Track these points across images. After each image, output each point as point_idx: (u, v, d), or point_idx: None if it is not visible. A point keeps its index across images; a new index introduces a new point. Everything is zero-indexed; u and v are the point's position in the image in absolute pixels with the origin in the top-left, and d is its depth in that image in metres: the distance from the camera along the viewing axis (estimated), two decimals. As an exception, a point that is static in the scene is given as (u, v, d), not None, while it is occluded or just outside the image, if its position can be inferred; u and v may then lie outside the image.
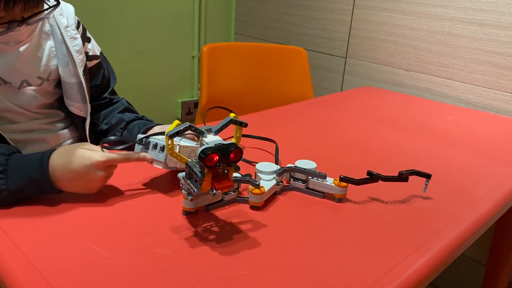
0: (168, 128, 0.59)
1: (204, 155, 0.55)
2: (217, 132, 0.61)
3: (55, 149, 0.67)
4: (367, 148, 0.98)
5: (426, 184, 0.76)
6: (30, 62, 0.82)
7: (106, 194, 0.70)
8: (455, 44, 1.45)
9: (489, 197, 0.78)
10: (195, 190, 0.58)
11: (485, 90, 1.41)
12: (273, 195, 0.74)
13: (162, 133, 0.72)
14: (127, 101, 1.02)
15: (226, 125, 0.61)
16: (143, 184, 0.74)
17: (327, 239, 0.61)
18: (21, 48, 0.80)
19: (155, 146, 0.71)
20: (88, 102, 0.90)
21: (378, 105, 1.37)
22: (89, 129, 0.94)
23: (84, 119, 0.92)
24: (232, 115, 0.62)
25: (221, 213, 0.67)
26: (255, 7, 2.19)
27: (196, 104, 2.35)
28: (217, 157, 0.56)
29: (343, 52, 1.81)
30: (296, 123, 1.13)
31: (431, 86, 1.54)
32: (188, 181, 0.59)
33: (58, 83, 0.89)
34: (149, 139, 0.72)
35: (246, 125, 0.62)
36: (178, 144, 0.71)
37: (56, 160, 0.65)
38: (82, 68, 0.88)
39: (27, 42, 0.79)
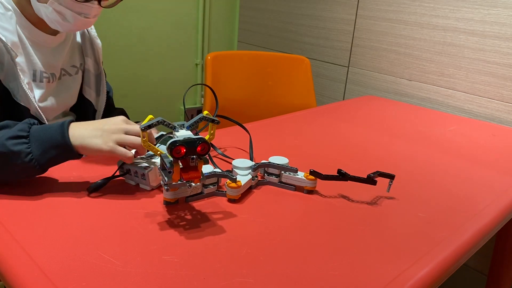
0: (142, 122, 0.63)
1: (172, 146, 0.60)
2: (189, 128, 0.65)
3: (73, 120, 0.74)
4: (369, 157, 0.99)
5: (390, 184, 0.79)
6: (66, 52, 0.96)
7: (113, 200, 0.71)
8: (457, 55, 1.47)
9: (491, 208, 0.79)
10: (166, 179, 0.62)
11: (486, 100, 1.42)
12: (249, 189, 0.79)
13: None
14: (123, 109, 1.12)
15: (198, 122, 0.66)
16: (147, 190, 0.75)
17: (327, 244, 0.62)
18: (58, 41, 0.93)
19: (135, 173, 0.74)
20: (101, 95, 1.01)
21: (380, 114, 1.38)
22: None
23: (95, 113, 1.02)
24: (205, 112, 0.67)
25: (200, 204, 0.72)
26: (259, 16, 2.21)
27: (199, 111, 2.36)
28: (184, 149, 0.60)
29: (345, 61, 1.83)
30: (299, 131, 1.14)
31: (433, 95, 1.56)
32: (162, 172, 0.64)
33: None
34: (129, 167, 0.75)
35: (218, 122, 0.67)
36: (154, 166, 0.74)
37: (78, 123, 0.71)
38: (101, 63, 1.02)
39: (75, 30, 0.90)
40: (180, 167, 0.63)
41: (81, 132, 0.69)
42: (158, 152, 0.65)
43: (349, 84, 1.83)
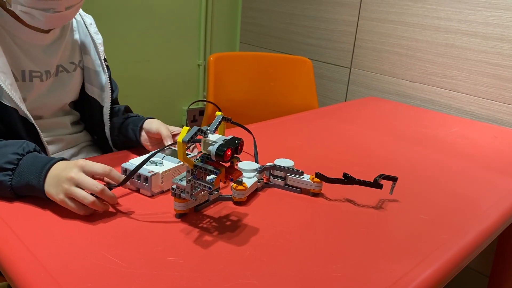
0: (179, 135, 0.61)
1: (222, 151, 0.59)
2: (214, 131, 0.66)
3: (64, 158, 0.71)
4: (371, 158, 1.00)
5: (393, 187, 0.79)
6: (63, 49, 0.93)
7: (118, 201, 0.71)
8: (459, 56, 1.47)
9: (494, 209, 0.79)
10: (211, 187, 0.62)
11: (489, 102, 1.42)
12: (255, 192, 0.79)
13: (144, 162, 0.72)
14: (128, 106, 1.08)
15: (219, 123, 0.67)
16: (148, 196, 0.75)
17: (330, 246, 0.62)
18: (52, 37, 0.89)
19: (138, 177, 0.74)
20: (105, 91, 0.98)
21: (382, 115, 1.38)
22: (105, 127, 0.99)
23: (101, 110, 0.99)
24: (218, 113, 0.67)
25: (211, 212, 0.71)
26: (261, 17, 2.21)
27: (201, 112, 2.37)
28: (230, 152, 0.61)
29: (348, 62, 1.83)
30: (301, 132, 1.15)
31: (435, 97, 1.56)
32: (199, 181, 0.63)
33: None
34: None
35: (230, 120, 0.69)
36: (158, 172, 0.74)
37: (57, 166, 0.68)
38: (104, 58, 0.99)
39: (62, 23, 0.86)
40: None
41: (47, 180, 0.67)
42: (191, 163, 0.63)
43: (351, 85, 1.84)
